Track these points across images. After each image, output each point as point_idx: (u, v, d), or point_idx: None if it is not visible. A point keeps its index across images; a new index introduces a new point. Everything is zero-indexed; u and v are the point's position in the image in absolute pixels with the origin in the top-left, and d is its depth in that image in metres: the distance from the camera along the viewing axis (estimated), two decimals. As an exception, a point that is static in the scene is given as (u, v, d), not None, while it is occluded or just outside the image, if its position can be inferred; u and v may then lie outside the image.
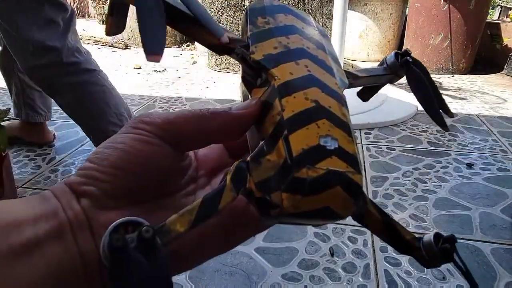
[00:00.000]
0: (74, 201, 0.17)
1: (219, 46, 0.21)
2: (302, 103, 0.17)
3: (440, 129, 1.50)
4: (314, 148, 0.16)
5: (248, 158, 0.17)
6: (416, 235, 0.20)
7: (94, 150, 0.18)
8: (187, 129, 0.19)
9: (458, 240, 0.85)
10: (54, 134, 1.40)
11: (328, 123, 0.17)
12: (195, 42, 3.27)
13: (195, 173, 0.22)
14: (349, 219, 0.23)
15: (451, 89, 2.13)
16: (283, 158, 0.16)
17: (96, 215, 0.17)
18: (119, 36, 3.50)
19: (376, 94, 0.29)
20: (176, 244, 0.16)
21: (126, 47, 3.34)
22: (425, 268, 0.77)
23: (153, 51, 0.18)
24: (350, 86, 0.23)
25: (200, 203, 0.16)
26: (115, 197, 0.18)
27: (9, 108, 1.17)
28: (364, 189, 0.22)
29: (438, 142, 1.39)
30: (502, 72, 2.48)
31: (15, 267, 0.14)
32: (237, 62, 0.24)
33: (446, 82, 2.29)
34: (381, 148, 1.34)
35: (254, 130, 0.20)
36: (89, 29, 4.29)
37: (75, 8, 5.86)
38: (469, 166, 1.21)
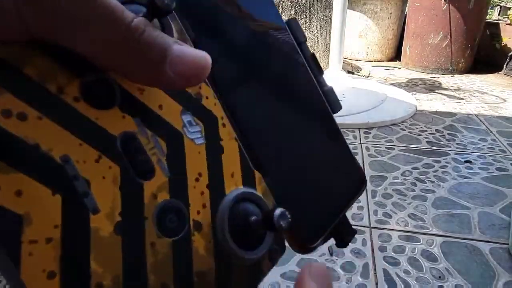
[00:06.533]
0: None
1: None
2: None
3: (439, 129, 1.51)
4: None
5: None
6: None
7: None
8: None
9: (457, 240, 0.85)
10: None
11: None
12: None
13: None
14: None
15: (450, 89, 2.13)
16: None
17: None
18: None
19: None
20: None
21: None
22: (423, 268, 0.78)
23: None
24: None
25: None
26: None
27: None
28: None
29: (437, 141, 1.39)
30: (501, 71, 2.49)
31: None
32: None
33: (446, 81, 2.29)
34: (380, 147, 1.34)
35: None
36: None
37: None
38: (468, 162, 1.22)
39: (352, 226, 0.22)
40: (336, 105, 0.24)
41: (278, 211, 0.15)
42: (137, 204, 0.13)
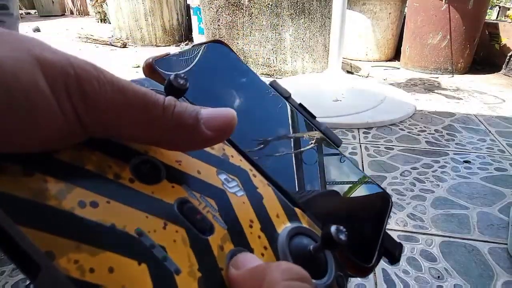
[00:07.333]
0: None
1: None
2: None
3: (439, 129, 1.51)
4: None
5: None
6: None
7: None
8: (125, 117, 0.14)
9: (456, 240, 0.85)
10: None
11: None
12: (194, 40, 3.27)
13: None
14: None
15: (449, 89, 2.13)
16: None
17: None
18: (117, 35, 3.49)
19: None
20: None
21: (124, 46, 3.34)
22: (422, 268, 0.78)
23: None
24: None
25: None
26: None
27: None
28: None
29: (436, 141, 1.40)
30: (501, 72, 2.49)
31: None
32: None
33: (445, 81, 2.30)
34: (380, 147, 1.34)
35: None
36: (87, 27, 4.29)
37: (77, 9, 5.85)
38: (467, 162, 1.22)
39: (398, 241, 0.24)
40: (337, 140, 0.27)
41: (333, 227, 0.16)
42: (210, 258, 0.15)
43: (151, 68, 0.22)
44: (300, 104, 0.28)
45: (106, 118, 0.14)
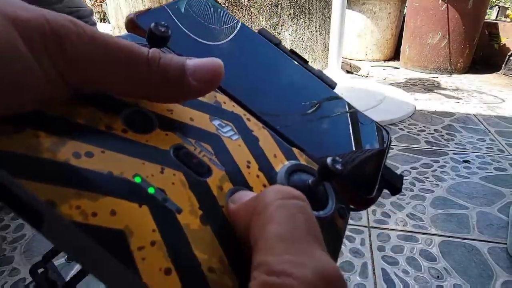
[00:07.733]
0: None
1: None
2: None
3: (438, 129, 1.51)
4: None
5: None
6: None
7: None
8: (110, 73, 0.14)
9: (455, 239, 0.85)
10: None
11: None
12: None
13: None
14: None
15: (449, 89, 2.13)
16: None
17: None
18: (117, 35, 3.49)
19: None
20: None
21: (124, 45, 3.34)
22: (422, 267, 0.78)
23: None
24: None
25: None
26: None
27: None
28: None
29: (436, 141, 1.40)
30: (500, 71, 2.49)
31: None
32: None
33: (444, 81, 2.30)
34: (379, 147, 1.34)
35: None
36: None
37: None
38: (466, 161, 1.22)
39: (399, 174, 0.24)
40: (331, 82, 0.27)
41: (329, 159, 0.16)
42: (210, 198, 0.15)
43: (133, 23, 0.22)
44: (291, 50, 0.28)
45: (89, 73, 0.14)
